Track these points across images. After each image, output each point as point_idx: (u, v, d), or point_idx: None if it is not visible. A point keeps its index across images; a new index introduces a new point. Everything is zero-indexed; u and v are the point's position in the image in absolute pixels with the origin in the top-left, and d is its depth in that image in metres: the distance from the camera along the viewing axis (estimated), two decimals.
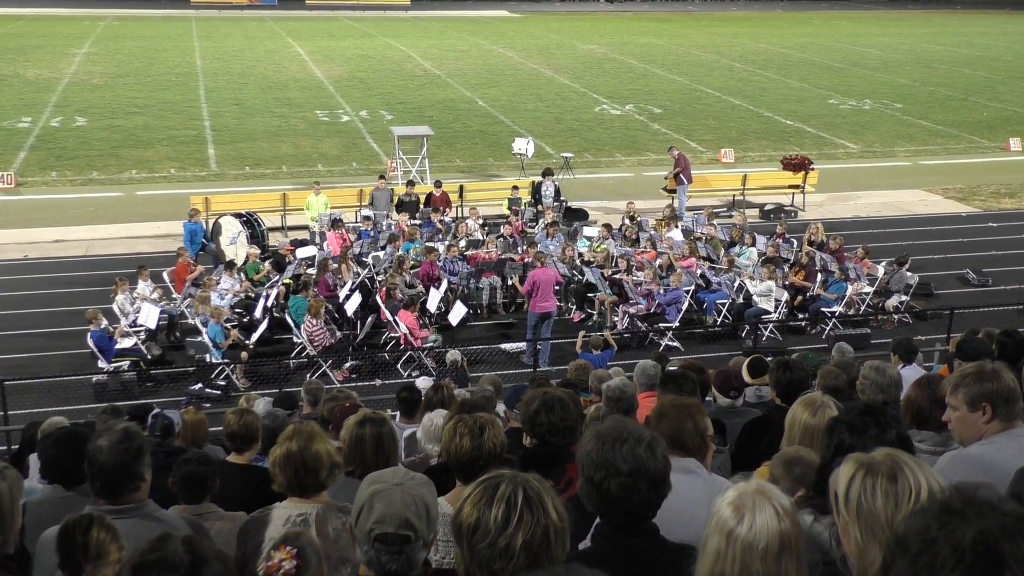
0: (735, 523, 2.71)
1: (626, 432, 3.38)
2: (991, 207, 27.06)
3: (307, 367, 16.06)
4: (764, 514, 2.71)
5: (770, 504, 2.74)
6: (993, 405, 4.33)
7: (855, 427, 3.97)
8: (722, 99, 41.74)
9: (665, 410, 4.50)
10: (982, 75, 49.81)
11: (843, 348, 11.85)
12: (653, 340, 17.42)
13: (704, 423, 4.45)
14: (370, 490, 3.15)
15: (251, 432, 6.52)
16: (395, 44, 56.87)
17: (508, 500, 2.73)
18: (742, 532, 2.69)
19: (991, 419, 4.34)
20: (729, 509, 2.75)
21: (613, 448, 3.32)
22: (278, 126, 35.02)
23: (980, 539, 1.94)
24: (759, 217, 25.32)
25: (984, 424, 4.35)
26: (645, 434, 3.41)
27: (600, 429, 3.42)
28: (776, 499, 2.77)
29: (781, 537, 2.70)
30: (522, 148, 27.87)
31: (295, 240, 21.61)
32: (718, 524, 2.74)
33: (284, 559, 3.58)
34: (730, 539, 2.70)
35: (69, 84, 42.12)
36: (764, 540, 2.68)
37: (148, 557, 2.65)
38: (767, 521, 2.70)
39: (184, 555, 2.63)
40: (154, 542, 2.71)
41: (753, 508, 2.73)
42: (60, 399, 14.16)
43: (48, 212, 24.87)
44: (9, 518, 3.89)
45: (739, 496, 2.77)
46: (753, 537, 2.68)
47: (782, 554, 2.69)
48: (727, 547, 2.70)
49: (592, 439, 3.39)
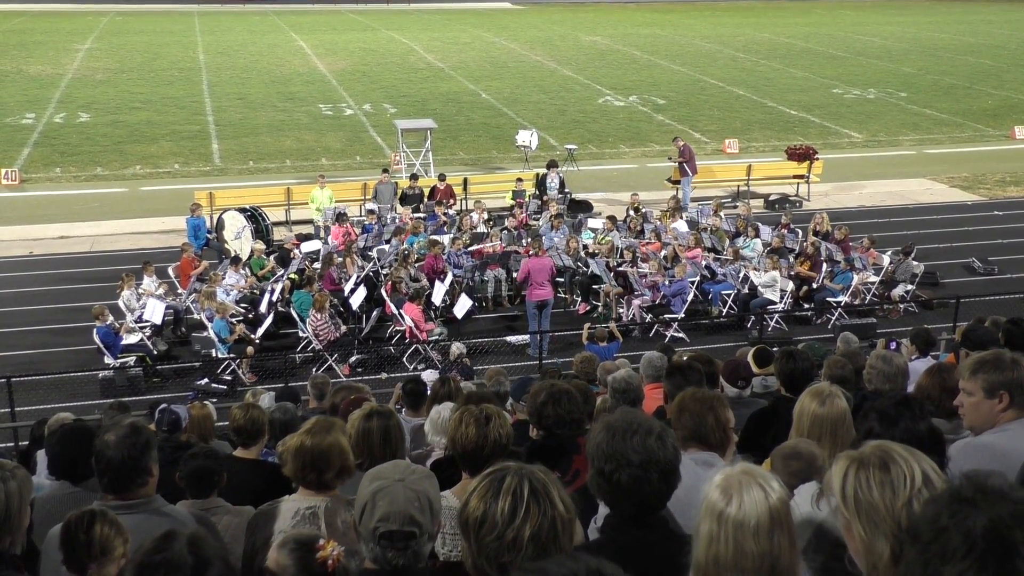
0: (724, 504, 2.74)
1: (636, 423, 3.37)
2: (996, 195, 27.00)
3: (313, 361, 16.08)
4: (752, 493, 2.74)
5: (756, 483, 2.76)
6: (1011, 394, 4.33)
7: (887, 416, 3.96)
8: (726, 89, 41.65)
9: (686, 403, 4.48)
10: (987, 63, 49.63)
11: (848, 338, 11.83)
12: (659, 331, 17.41)
13: (726, 416, 4.42)
14: (372, 487, 3.14)
15: (257, 427, 6.52)
16: (398, 37, 56.80)
17: (514, 492, 2.73)
18: (732, 512, 2.72)
19: (1007, 407, 4.34)
20: (717, 491, 2.77)
21: (624, 439, 3.31)
22: (282, 120, 35.01)
23: (991, 527, 1.94)
24: (764, 207, 25.28)
25: (1000, 412, 4.34)
26: (655, 425, 3.40)
27: (610, 420, 3.42)
28: (762, 478, 2.79)
29: (771, 513, 2.72)
30: (526, 140, 27.85)
31: (300, 234, 21.62)
32: (708, 508, 2.77)
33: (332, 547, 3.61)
34: (721, 520, 2.72)
35: (72, 80, 42.13)
36: (754, 518, 2.70)
37: (153, 557, 2.64)
38: (755, 499, 2.73)
39: (188, 556, 2.63)
40: (158, 541, 2.70)
41: (740, 488, 2.75)
42: (67, 395, 14.17)
43: (52, 208, 24.89)
44: (16, 519, 3.88)
45: (726, 479, 2.80)
46: (743, 516, 2.70)
47: (773, 530, 2.71)
48: (719, 529, 2.72)
49: (602, 430, 3.38)
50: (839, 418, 4.68)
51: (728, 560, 2.70)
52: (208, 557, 2.66)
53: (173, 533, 2.74)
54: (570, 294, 19.04)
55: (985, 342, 7.16)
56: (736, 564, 2.69)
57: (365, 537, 3.12)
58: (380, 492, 3.11)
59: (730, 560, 2.69)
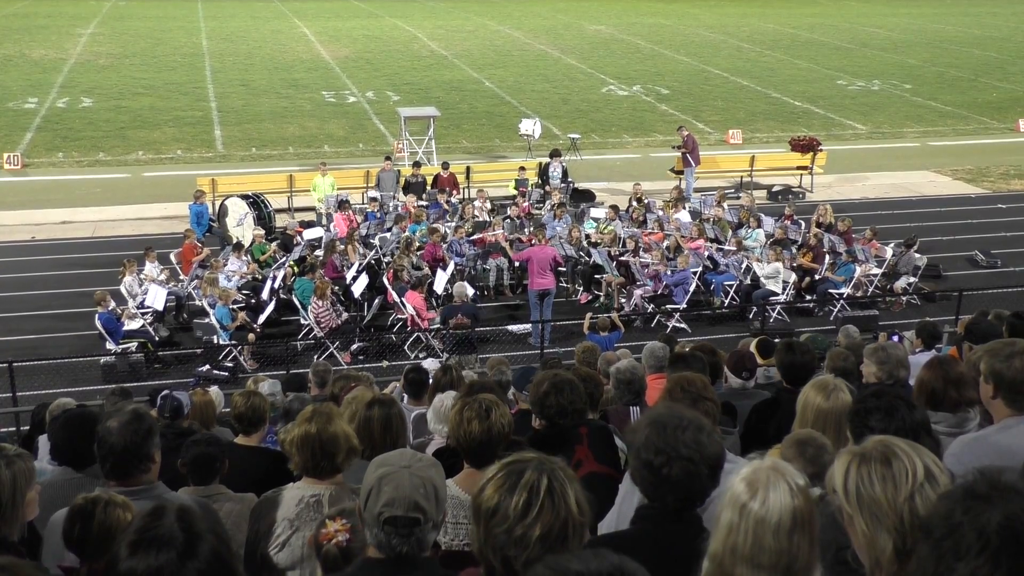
0: (748, 498, 2.73)
1: (686, 419, 3.44)
2: (1000, 188, 26.95)
3: (314, 348, 16.08)
4: (778, 491, 2.72)
5: (784, 481, 2.75)
6: (997, 384, 4.34)
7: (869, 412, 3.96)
8: (730, 80, 41.54)
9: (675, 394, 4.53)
10: (992, 55, 49.48)
11: (849, 330, 11.83)
12: (660, 322, 17.40)
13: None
14: (378, 473, 3.14)
15: (258, 414, 6.51)
16: (402, 25, 56.65)
17: (531, 488, 2.72)
18: (755, 507, 2.71)
19: (995, 395, 4.35)
20: (743, 485, 2.76)
21: (675, 434, 3.37)
22: (284, 107, 34.95)
23: (1006, 523, 1.93)
24: (767, 199, 25.25)
25: (991, 399, 4.36)
26: (705, 422, 3.48)
27: (657, 415, 3.48)
28: (791, 476, 2.78)
29: (794, 514, 2.70)
30: (529, 129, 27.79)
31: (303, 221, 21.60)
32: (731, 499, 2.76)
33: (339, 530, 3.62)
34: (743, 513, 2.72)
35: (75, 65, 42.05)
36: (777, 515, 2.69)
37: (144, 535, 2.63)
38: (780, 497, 2.71)
39: (179, 532, 2.61)
40: (147, 518, 2.68)
41: (767, 484, 2.74)
42: (68, 380, 14.19)
43: (55, 193, 24.88)
44: (10, 508, 3.85)
45: (753, 472, 2.79)
46: (766, 512, 2.69)
47: (794, 530, 2.69)
48: (739, 521, 2.71)
49: (648, 425, 3.44)
50: (843, 412, 4.67)
51: (745, 552, 2.69)
52: (199, 531, 2.64)
53: (162, 508, 2.72)
54: (572, 283, 19.03)
55: (988, 336, 7.14)
56: (753, 558, 2.68)
57: (369, 523, 3.11)
58: (386, 478, 3.10)
59: (747, 553, 2.69)
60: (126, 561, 2.59)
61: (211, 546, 2.63)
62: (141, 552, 2.59)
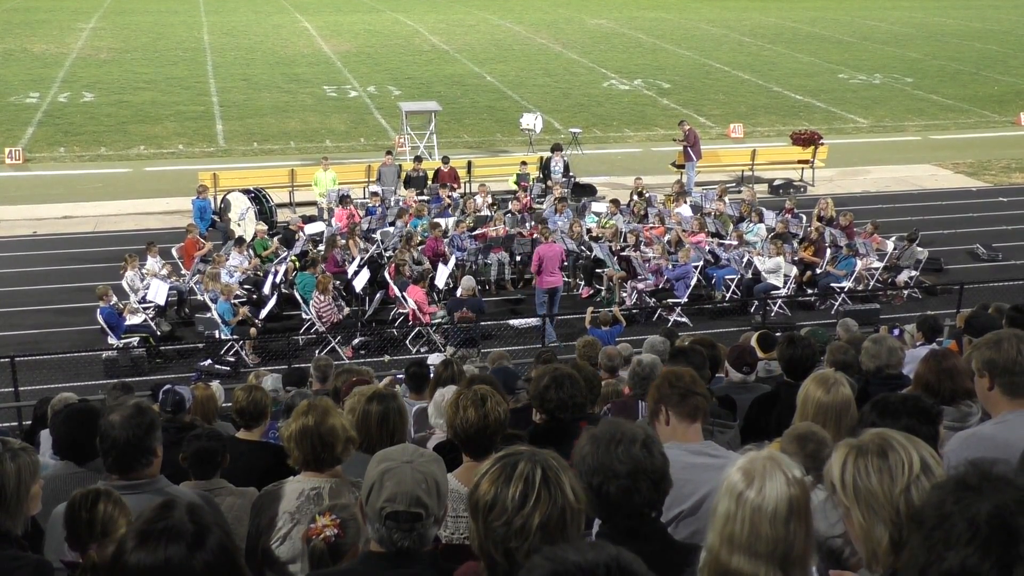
0: (745, 486, 2.75)
1: (619, 432, 3.28)
2: (1001, 182, 26.93)
3: (316, 343, 16.11)
4: (775, 480, 2.75)
5: (780, 471, 2.77)
6: (991, 374, 4.33)
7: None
8: (731, 74, 41.50)
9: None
10: (993, 49, 49.40)
11: (848, 324, 11.85)
12: (662, 316, 17.42)
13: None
14: (380, 468, 3.15)
15: (259, 408, 6.53)
16: (403, 19, 56.59)
17: (526, 479, 2.73)
18: (751, 496, 2.73)
19: (991, 387, 4.35)
20: (739, 474, 2.79)
21: (608, 450, 3.23)
22: (286, 102, 34.93)
23: (996, 514, 1.96)
24: (768, 192, 25.23)
25: (987, 391, 4.37)
26: (639, 433, 3.31)
27: (594, 432, 3.33)
28: (787, 466, 2.80)
29: (790, 502, 2.73)
30: (530, 124, 27.77)
31: (305, 216, 21.61)
32: (728, 488, 2.79)
33: (327, 525, 3.64)
34: (739, 502, 2.74)
35: (76, 59, 42.03)
36: (773, 504, 2.71)
37: (154, 525, 2.66)
38: (777, 486, 2.74)
39: (189, 523, 2.65)
40: (158, 510, 2.72)
41: (764, 474, 2.76)
42: (70, 375, 14.23)
43: (56, 188, 24.90)
44: (14, 502, 3.86)
45: (750, 462, 2.82)
46: (762, 500, 2.72)
47: (791, 518, 2.72)
48: (736, 509, 2.74)
49: (587, 443, 3.29)
50: (843, 405, 4.70)
51: (742, 541, 2.71)
52: (208, 524, 2.68)
53: (172, 502, 2.76)
54: (573, 278, 19.04)
55: (988, 329, 7.15)
56: (750, 546, 2.70)
57: (371, 518, 3.13)
58: (388, 473, 3.11)
59: (744, 541, 2.71)
60: (134, 553, 2.62)
61: (218, 539, 2.67)
62: (151, 543, 2.62)
